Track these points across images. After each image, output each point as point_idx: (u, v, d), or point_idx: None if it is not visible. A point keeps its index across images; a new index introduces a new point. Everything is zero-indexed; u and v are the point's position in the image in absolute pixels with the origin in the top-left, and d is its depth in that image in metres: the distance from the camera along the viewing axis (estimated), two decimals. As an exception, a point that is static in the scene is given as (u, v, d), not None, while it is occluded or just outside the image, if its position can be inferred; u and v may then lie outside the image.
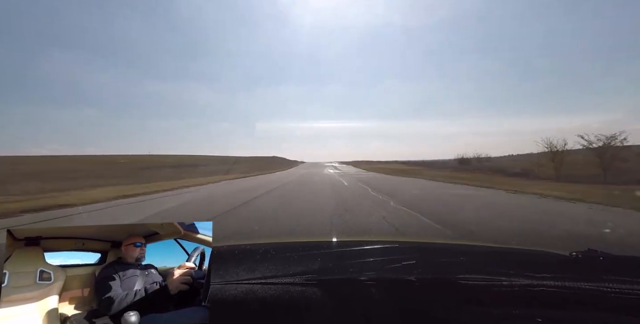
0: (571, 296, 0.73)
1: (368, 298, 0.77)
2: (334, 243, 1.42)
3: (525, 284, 0.75)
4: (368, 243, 1.29)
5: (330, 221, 4.69)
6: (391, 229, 4.13)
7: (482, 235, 3.78)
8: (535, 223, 4.68)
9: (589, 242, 3.57)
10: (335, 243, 1.42)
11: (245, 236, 3.84)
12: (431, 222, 4.57)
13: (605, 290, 0.71)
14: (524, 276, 0.78)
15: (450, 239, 3.51)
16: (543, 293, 0.73)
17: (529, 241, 3.64)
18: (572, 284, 0.74)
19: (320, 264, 0.95)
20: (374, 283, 0.79)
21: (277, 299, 0.74)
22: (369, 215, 5.29)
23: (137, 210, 6.71)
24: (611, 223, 4.70)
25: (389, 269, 0.90)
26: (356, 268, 0.93)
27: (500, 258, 1.13)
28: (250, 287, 0.76)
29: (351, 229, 4.14)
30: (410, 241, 1.55)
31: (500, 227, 4.31)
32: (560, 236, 3.76)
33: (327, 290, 0.76)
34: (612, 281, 0.73)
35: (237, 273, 0.84)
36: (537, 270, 0.81)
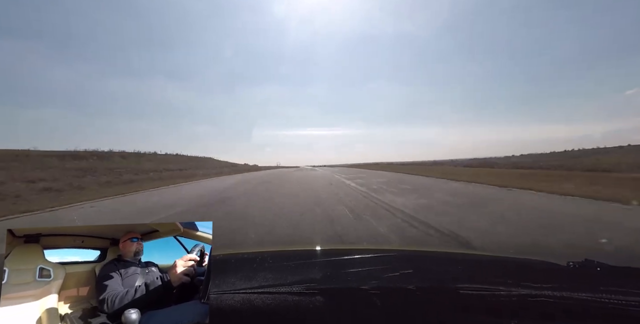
0: (569, 306, 0.73)
1: (365, 307, 0.76)
2: (330, 251, 1.42)
3: (524, 294, 0.76)
4: (365, 252, 1.29)
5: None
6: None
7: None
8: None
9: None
10: (332, 251, 1.42)
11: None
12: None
13: (602, 301, 0.72)
14: (521, 286, 0.79)
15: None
16: (541, 303, 0.73)
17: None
18: (570, 294, 0.74)
19: (317, 273, 0.95)
20: (371, 292, 0.79)
21: (274, 309, 0.73)
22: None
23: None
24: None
25: (387, 278, 0.89)
26: (353, 276, 0.93)
27: (498, 267, 1.13)
28: (247, 297, 0.76)
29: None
30: (408, 249, 1.56)
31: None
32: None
33: (324, 299, 0.76)
34: (609, 292, 0.74)
35: (233, 282, 0.83)
36: (534, 280, 0.82)
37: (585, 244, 3.23)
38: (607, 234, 3.60)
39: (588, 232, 3.71)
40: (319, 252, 1.35)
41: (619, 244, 3.09)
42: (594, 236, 3.55)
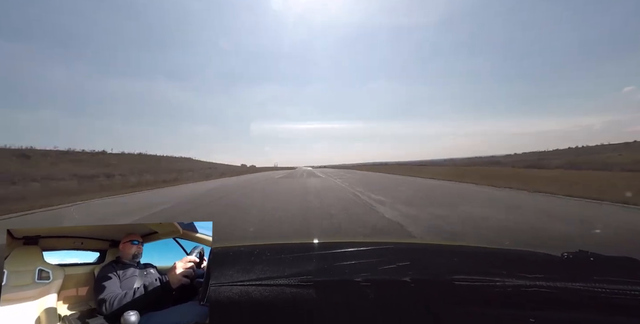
0: (563, 296, 0.74)
1: (362, 299, 0.77)
2: (328, 244, 1.43)
3: (518, 285, 0.76)
4: (362, 244, 1.30)
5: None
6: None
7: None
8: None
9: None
10: (329, 244, 1.43)
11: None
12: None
13: (595, 290, 0.72)
14: (516, 277, 0.79)
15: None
16: (536, 293, 0.74)
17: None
18: (564, 284, 0.75)
19: (314, 266, 0.96)
20: (369, 284, 0.80)
21: (271, 300, 0.74)
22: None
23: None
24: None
25: (384, 270, 0.90)
26: (351, 269, 0.93)
27: (493, 259, 1.14)
28: (244, 288, 0.77)
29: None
30: (404, 242, 1.56)
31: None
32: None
33: (321, 291, 0.77)
34: (602, 282, 0.74)
35: (231, 274, 0.84)
36: (529, 271, 0.83)
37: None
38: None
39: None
40: (316, 245, 1.36)
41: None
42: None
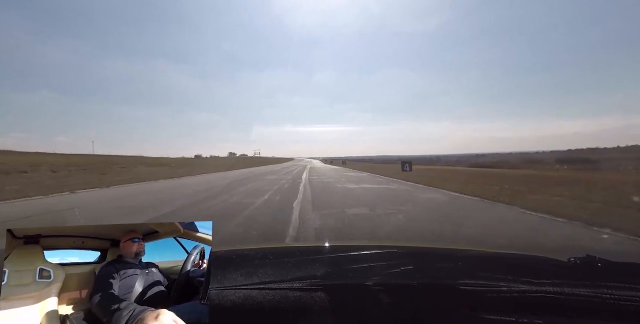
0: (570, 302, 0.73)
1: (366, 303, 0.76)
2: (332, 248, 1.42)
3: (524, 290, 0.75)
4: (366, 248, 1.29)
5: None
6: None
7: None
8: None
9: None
10: (333, 248, 1.43)
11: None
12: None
13: (603, 297, 0.71)
14: (522, 282, 0.78)
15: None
16: (542, 298, 0.73)
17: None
18: (571, 290, 0.74)
19: (318, 270, 0.95)
20: (372, 288, 0.79)
21: (275, 304, 0.73)
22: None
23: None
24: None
25: (388, 274, 0.89)
26: (354, 273, 0.92)
27: (499, 264, 1.12)
28: (248, 292, 0.76)
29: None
30: (408, 246, 1.57)
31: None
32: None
33: (325, 296, 0.76)
34: (610, 288, 0.73)
35: (235, 278, 0.83)
36: (535, 276, 0.82)
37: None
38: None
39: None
40: (320, 249, 1.36)
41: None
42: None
